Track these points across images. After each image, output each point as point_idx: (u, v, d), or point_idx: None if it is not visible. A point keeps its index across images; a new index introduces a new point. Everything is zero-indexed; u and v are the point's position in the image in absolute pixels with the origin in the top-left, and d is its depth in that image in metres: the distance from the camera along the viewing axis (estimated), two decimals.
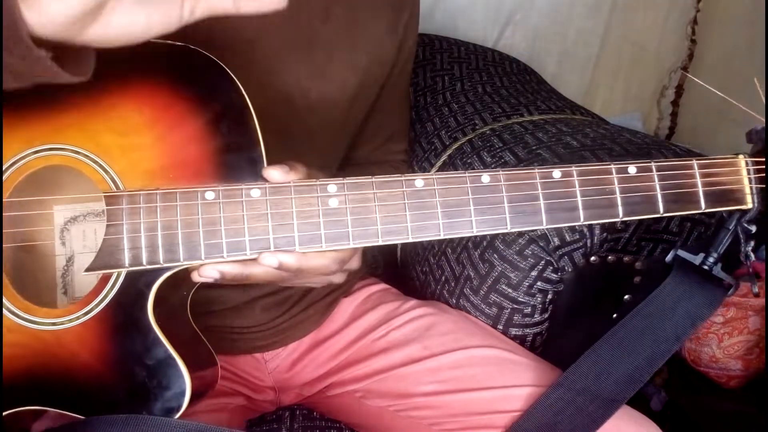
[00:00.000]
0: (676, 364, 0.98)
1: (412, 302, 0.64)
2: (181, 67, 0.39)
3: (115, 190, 0.38)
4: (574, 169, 0.39)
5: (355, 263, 0.45)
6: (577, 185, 0.39)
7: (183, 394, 0.34)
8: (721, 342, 0.94)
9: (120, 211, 0.37)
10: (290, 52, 0.54)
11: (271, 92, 0.53)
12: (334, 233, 0.38)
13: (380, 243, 0.38)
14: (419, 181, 0.38)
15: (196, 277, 0.39)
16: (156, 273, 0.37)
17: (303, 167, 0.41)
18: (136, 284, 0.37)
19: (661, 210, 0.39)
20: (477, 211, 0.38)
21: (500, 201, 0.38)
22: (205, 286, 0.42)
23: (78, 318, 0.36)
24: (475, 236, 0.66)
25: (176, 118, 0.39)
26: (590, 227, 0.61)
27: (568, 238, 0.61)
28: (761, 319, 0.92)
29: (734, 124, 1.17)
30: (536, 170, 0.39)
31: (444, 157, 0.76)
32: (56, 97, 0.38)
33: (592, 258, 0.63)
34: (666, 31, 1.28)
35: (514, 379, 0.54)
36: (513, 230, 0.38)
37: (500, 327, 0.64)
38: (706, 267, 0.47)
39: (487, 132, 0.74)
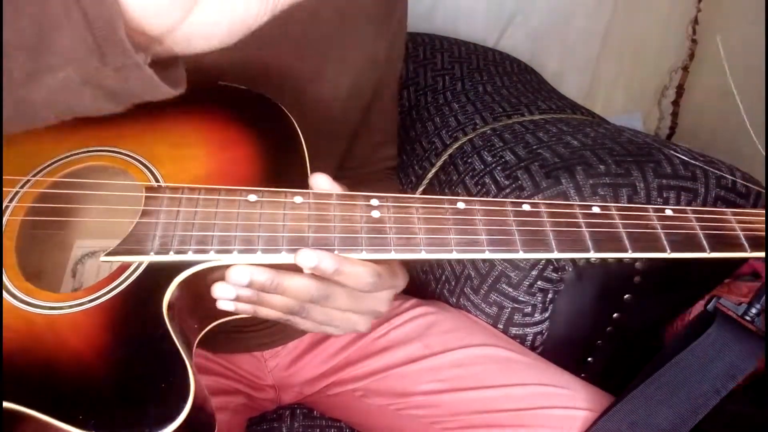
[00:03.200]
0: None
1: (413, 301, 0.64)
2: (240, 102, 0.43)
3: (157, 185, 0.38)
4: (612, 205, 0.39)
5: (395, 284, 0.41)
6: (617, 218, 0.38)
7: (185, 399, 0.29)
8: None
9: (159, 201, 0.36)
10: (283, 51, 0.54)
11: (268, 92, 0.53)
12: (375, 241, 0.36)
13: (423, 256, 0.35)
14: (461, 203, 0.37)
15: (219, 291, 0.35)
16: (179, 268, 0.34)
17: (344, 186, 0.40)
18: (154, 277, 0.34)
19: (708, 249, 0.38)
20: (522, 241, 0.36)
21: (543, 225, 0.37)
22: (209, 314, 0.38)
23: (81, 305, 0.33)
24: None
25: (229, 139, 0.41)
26: None
27: None
28: (761, 320, 0.92)
29: (734, 125, 1.17)
30: (576, 205, 0.39)
31: (444, 157, 0.76)
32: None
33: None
34: (667, 30, 1.28)
35: (514, 377, 0.54)
36: (559, 257, 0.36)
37: (500, 326, 0.64)
38: (748, 318, 0.46)
39: (488, 131, 0.74)
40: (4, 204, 0.36)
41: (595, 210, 0.38)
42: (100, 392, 0.29)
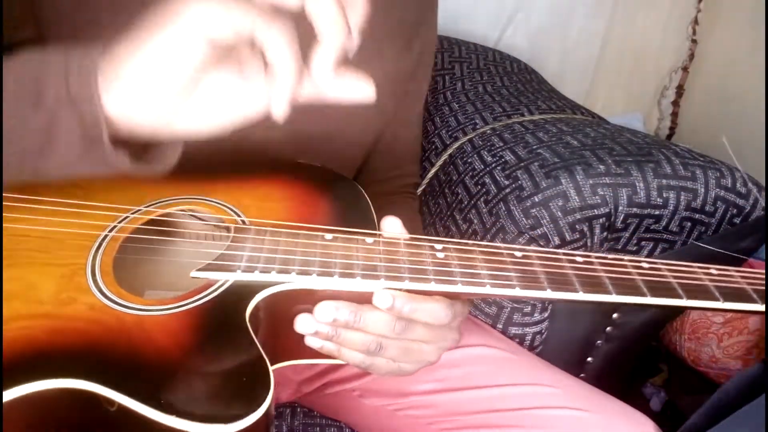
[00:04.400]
0: (675, 364, 0.98)
1: None
2: (314, 171, 0.51)
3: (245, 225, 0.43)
4: (662, 262, 0.42)
5: (465, 311, 0.43)
6: (666, 271, 0.41)
7: (265, 396, 0.32)
8: (721, 342, 0.94)
9: (246, 235, 0.41)
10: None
11: None
12: (442, 273, 0.38)
13: (488, 291, 0.38)
14: (518, 252, 0.41)
15: (300, 322, 0.37)
16: (262, 286, 0.37)
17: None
18: (238, 293, 0.37)
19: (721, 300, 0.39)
20: (580, 283, 0.38)
21: (597, 272, 0.40)
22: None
23: (169, 309, 0.36)
24: (475, 236, 0.66)
25: (307, 197, 0.48)
26: (590, 227, 0.61)
27: (568, 238, 0.61)
28: (761, 320, 0.93)
29: (734, 125, 1.17)
30: (626, 259, 0.41)
31: (444, 156, 0.76)
32: (213, 169, 0.48)
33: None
34: (667, 31, 1.28)
35: (511, 378, 0.54)
36: (617, 300, 0.38)
37: (500, 326, 0.64)
38: None
39: (488, 131, 0.74)
40: (115, 224, 0.42)
41: (644, 265, 0.41)
42: (182, 381, 0.32)
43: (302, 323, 0.37)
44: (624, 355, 0.77)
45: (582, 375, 0.75)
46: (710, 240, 0.66)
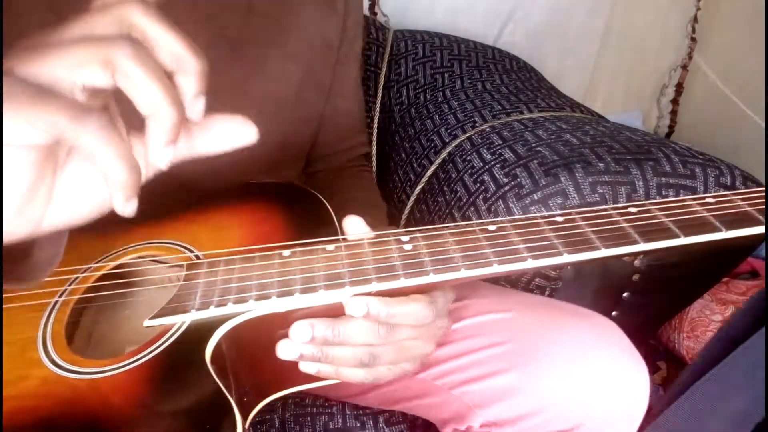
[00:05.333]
0: (673, 362, 0.98)
1: None
2: (265, 188, 0.49)
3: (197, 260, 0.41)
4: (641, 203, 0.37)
5: (448, 296, 0.40)
6: (658, 212, 0.36)
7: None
8: None
9: (199, 271, 0.38)
10: (219, 53, 0.52)
11: (210, 98, 0.51)
12: (412, 266, 0.35)
13: (463, 274, 0.34)
14: (491, 226, 0.37)
15: (281, 349, 0.35)
16: (221, 321, 0.35)
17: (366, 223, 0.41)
18: (196, 332, 0.35)
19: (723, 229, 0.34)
20: (565, 244, 0.35)
21: (581, 228, 0.36)
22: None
23: (122, 366, 0.34)
24: None
25: (260, 217, 0.46)
26: None
27: None
28: None
29: (733, 123, 1.17)
30: (609, 208, 0.37)
31: (443, 154, 0.76)
32: (159, 210, 0.46)
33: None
34: (666, 29, 1.28)
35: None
36: (608, 254, 0.34)
37: None
38: None
39: (487, 129, 0.74)
40: (66, 287, 0.40)
41: (631, 209, 0.37)
42: None
43: (283, 349, 0.36)
44: None
45: None
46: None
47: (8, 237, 0.28)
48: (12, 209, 0.27)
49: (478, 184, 0.67)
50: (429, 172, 0.77)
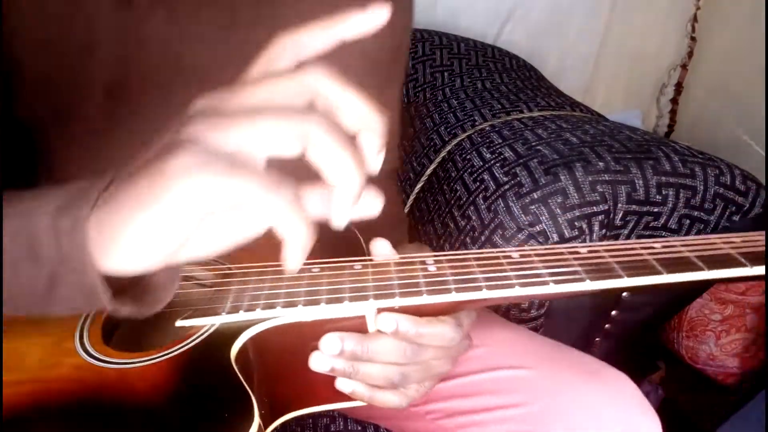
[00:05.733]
0: (673, 361, 0.98)
1: None
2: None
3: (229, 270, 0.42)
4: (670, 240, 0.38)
5: (472, 317, 0.41)
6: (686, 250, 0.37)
7: (249, 424, 0.32)
8: (719, 340, 0.94)
9: (230, 282, 0.41)
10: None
11: None
12: (435, 284, 0.37)
13: (485, 294, 0.36)
14: (515, 253, 0.39)
15: (314, 361, 0.36)
16: (248, 325, 0.37)
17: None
18: (223, 334, 0.37)
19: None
20: (587, 271, 0.36)
21: (604, 257, 0.37)
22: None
23: (151, 360, 0.36)
24: (474, 232, 0.66)
25: None
26: (590, 224, 0.61)
27: (567, 235, 0.61)
28: (759, 317, 0.93)
29: (733, 122, 1.17)
30: (635, 242, 0.38)
31: (443, 153, 0.76)
32: None
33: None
34: (666, 28, 1.28)
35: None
36: (631, 283, 0.35)
37: None
38: None
39: (487, 128, 0.74)
40: None
41: (656, 246, 0.38)
42: (166, 427, 0.33)
43: (316, 360, 0.37)
44: (622, 353, 0.77)
45: None
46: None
47: (140, 272, 0.28)
48: (157, 258, 0.27)
49: (478, 183, 0.67)
50: (428, 171, 0.77)
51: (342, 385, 0.38)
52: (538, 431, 0.46)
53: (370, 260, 0.41)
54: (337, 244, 0.45)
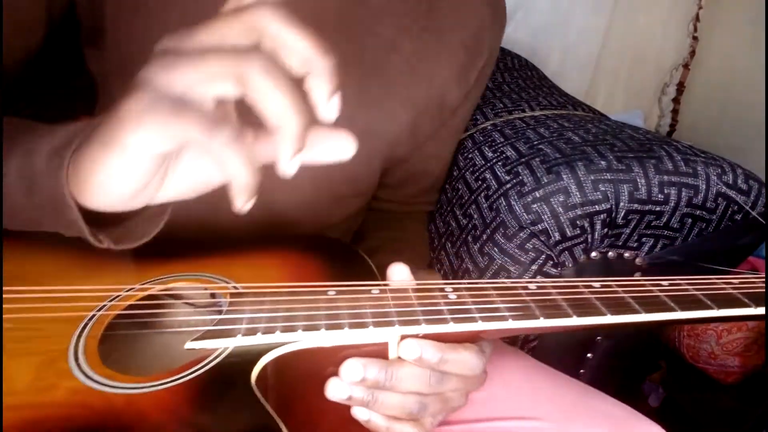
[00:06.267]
0: (674, 361, 0.98)
1: None
2: (313, 241, 0.50)
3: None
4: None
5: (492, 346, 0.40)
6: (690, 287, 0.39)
7: None
8: (720, 339, 0.94)
9: (243, 302, 0.39)
10: (347, 75, 0.52)
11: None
12: (459, 312, 0.36)
13: (511, 324, 0.35)
14: (532, 285, 0.39)
15: (331, 388, 0.34)
16: (267, 350, 0.35)
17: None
18: (241, 358, 0.34)
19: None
20: (604, 305, 0.37)
21: (618, 292, 0.38)
22: None
23: (162, 384, 0.33)
24: (475, 231, 0.66)
25: (303, 261, 0.46)
26: (591, 223, 0.61)
27: (569, 233, 0.61)
28: None
29: (735, 121, 1.17)
30: (645, 280, 0.40)
31: None
32: (201, 246, 0.47)
33: (593, 254, 0.63)
34: (668, 28, 1.28)
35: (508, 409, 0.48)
36: (647, 318, 0.36)
37: None
38: None
39: (488, 127, 0.74)
40: (105, 303, 0.41)
41: (664, 283, 0.39)
42: None
43: (334, 388, 0.35)
44: (624, 352, 0.77)
45: (581, 371, 0.75)
46: (711, 236, 0.66)
47: (120, 209, 0.31)
48: (126, 196, 0.30)
49: (480, 182, 0.67)
50: None
51: (359, 413, 0.36)
52: None
53: (387, 285, 0.39)
54: (346, 268, 0.45)
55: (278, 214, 0.55)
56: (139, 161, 0.28)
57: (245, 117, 0.30)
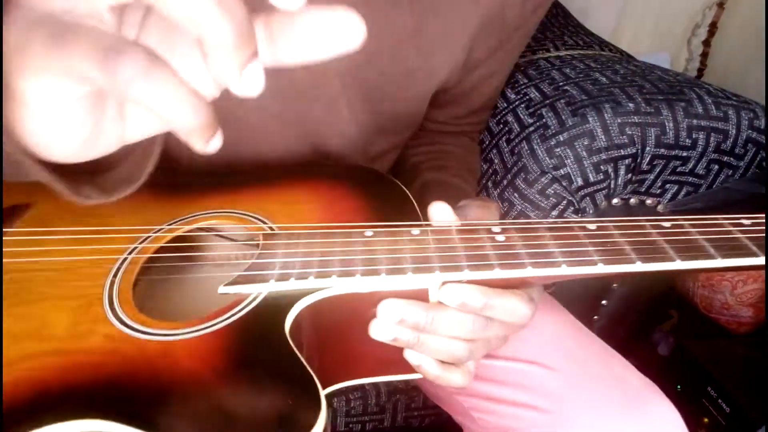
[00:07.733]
0: (686, 310, 0.98)
1: None
2: (342, 169, 0.48)
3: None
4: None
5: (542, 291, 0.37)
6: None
7: (315, 419, 0.27)
8: (735, 289, 0.93)
9: (276, 242, 0.37)
10: (400, 16, 0.48)
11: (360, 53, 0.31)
12: (507, 257, 0.33)
13: (564, 271, 0.31)
14: (591, 225, 0.34)
15: (374, 328, 0.32)
16: (300, 295, 0.33)
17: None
18: (274, 304, 0.33)
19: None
20: (675, 249, 0.32)
21: (690, 234, 0.33)
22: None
23: (196, 331, 0.32)
24: (495, 176, 0.65)
25: (337, 196, 0.44)
26: (615, 168, 0.60)
27: (591, 179, 0.60)
28: None
29: (764, 67, 1.12)
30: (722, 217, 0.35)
31: None
32: (233, 181, 0.46)
33: (615, 200, 0.62)
34: None
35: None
36: (726, 265, 0.31)
37: None
38: None
39: None
40: (136, 245, 0.39)
41: (744, 221, 0.34)
42: (219, 408, 0.28)
43: (378, 329, 0.33)
44: (638, 300, 0.77)
45: (595, 317, 0.75)
46: (737, 183, 0.64)
47: (82, 159, 0.25)
48: (75, 146, 0.24)
49: (501, 125, 0.65)
50: None
51: (411, 356, 0.34)
52: None
53: (429, 225, 0.37)
54: (389, 209, 0.42)
55: (321, 148, 0.53)
56: (53, 111, 0.22)
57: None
